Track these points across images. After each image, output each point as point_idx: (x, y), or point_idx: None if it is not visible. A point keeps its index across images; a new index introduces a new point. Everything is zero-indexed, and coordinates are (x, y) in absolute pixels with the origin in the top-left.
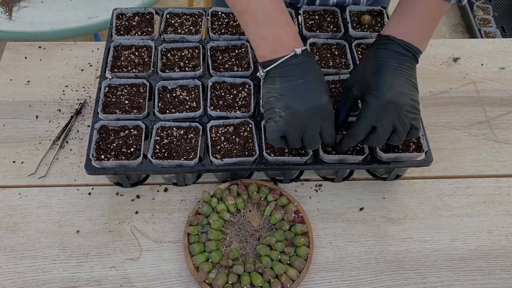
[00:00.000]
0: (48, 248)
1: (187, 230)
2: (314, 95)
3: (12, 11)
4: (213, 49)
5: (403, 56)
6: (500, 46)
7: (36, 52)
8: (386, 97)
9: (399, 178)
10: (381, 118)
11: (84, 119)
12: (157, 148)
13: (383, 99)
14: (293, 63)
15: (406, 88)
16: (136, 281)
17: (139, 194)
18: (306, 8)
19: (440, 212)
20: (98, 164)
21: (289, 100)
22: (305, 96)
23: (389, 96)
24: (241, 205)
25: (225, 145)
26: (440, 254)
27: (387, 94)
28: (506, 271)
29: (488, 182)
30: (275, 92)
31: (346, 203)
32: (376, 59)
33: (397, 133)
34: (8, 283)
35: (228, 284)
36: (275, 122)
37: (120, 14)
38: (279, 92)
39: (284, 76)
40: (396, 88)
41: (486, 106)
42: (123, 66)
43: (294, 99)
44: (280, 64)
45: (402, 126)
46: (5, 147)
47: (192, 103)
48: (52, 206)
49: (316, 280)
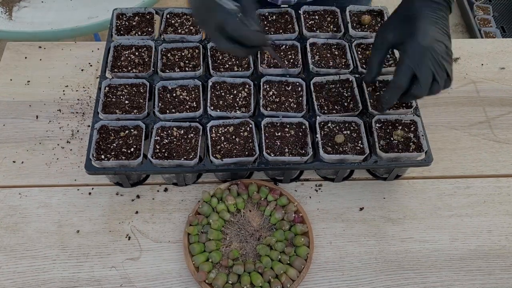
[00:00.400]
0: (48, 248)
1: (187, 230)
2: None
3: (12, 11)
4: (213, 49)
5: (437, 4)
6: (500, 46)
7: (36, 52)
8: (424, 43)
9: (399, 178)
10: (421, 64)
11: (84, 119)
12: (157, 148)
13: (422, 45)
14: None
15: (441, 36)
16: (136, 281)
17: (139, 194)
18: (306, 8)
19: (440, 212)
20: (98, 164)
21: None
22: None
23: (426, 42)
24: (241, 205)
25: (225, 145)
26: (440, 254)
27: (425, 40)
28: (506, 271)
29: (488, 182)
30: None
31: (346, 203)
32: (411, 7)
33: (437, 81)
34: (8, 283)
35: (228, 284)
36: None
37: (120, 14)
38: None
39: None
40: (432, 35)
41: (486, 106)
42: (123, 66)
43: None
44: None
45: (441, 73)
46: (5, 147)
47: (192, 103)
48: (52, 206)
49: (316, 280)
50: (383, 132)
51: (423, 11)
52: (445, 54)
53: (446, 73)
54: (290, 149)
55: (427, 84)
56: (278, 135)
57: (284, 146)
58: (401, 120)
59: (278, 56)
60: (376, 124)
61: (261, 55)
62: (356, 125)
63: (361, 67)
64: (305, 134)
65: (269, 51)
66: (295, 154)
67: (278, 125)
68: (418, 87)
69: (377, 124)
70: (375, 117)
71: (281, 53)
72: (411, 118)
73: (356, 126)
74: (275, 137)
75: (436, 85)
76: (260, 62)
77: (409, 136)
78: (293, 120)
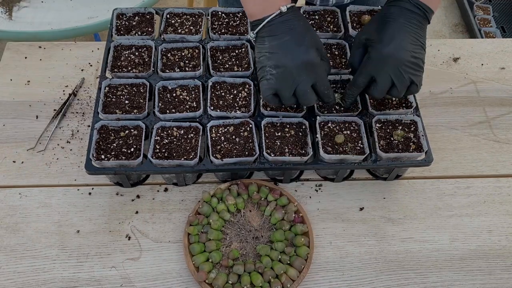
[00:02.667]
0: (48, 248)
1: (187, 230)
2: (301, 50)
3: (12, 11)
4: (213, 49)
5: (412, 13)
6: (500, 46)
7: (36, 52)
8: (386, 50)
9: (399, 178)
10: (380, 70)
11: (84, 119)
12: (157, 148)
13: (383, 51)
14: (280, 21)
15: (409, 45)
16: (136, 281)
17: (139, 194)
18: (306, 8)
19: (440, 212)
20: (98, 164)
21: (277, 58)
22: (292, 52)
23: (389, 49)
24: (241, 205)
25: (225, 145)
26: (440, 254)
27: (387, 47)
28: (506, 271)
29: (488, 182)
30: (265, 51)
31: (346, 203)
32: (385, 14)
33: (396, 87)
34: (8, 283)
35: (228, 284)
36: (267, 80)
37: (120, 14)
38: (269, 50)
39: (272, 35)
40: (398, 43)
41: (486, 106)
42: (123, 66)
43: (282, 56)
44: (267, 24)
45: (401, 80)
46: (5, 147)
47: (192, 103)
48: (52, 206)
49: (316, 280)
50: (383, 132)
51: (397, 19)
52: (410, 63)
53: (412, 80)
54: (290, 149)
55: (383, 88)
56: (278, 135)
57: (284, 146)
58: (401, 120)
59: None
60: (376, 124)
61: None
62: (356, 125)
63: None
64: (305, 134)
65: None
66: (295, 154)
67: (278, 125)
68: (375, 90)
69: (377, 124)
70: (375, 117)
71: None
72: (411, 118)
73: (356, 126)
74: (275, 137)
75: (395, 91)
76: None
77: (409, 136)
78: (293, 120)
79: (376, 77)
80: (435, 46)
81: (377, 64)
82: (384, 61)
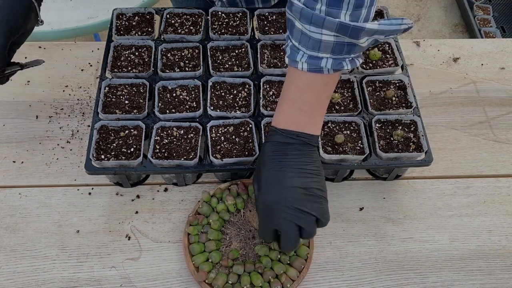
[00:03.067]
0: (48, 248)
1: (187, 230)
2: None
3: None
4: (213, 49)
5: (288, 145)
6: (500, 46)
7: (36, 52)
8: (265, 199)
9: (399, 178)
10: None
11: (84, 119)
12: (157, 148)
13: (263, 201)
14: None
15: (294, 180)
16: (136, 281)
17: (139, 194)
18: None
19: (440, 212)
20: (98, 164)
21: None
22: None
23: (268, 197)
24: (241, 205)
25: (225, 145)
26: (440, 254)
27: (266, 196)
28: (506, 271)
29: (488, 182)
30: None
31: (346, 203)
32: (263, 155)
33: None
34: (8, 283)
35: (228, 284)
36: None
37: (120, 14)
38: None
39: None
40: (276, 189)
41: (486, 106)
42: (123, 66)
43: None
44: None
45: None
46: (5, 147)
47: (192, 103)
48: (52, 206)
49: (316, 280)
50: (383, 132)
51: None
52: (300, 200)
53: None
54: None
55: (288, 238)
56: None
57: None
58: (401, 120)
59: None
60: (376, 124)
61: (261, 55)
62: (356, 125)
63: (361, 67)
64: None
65: None
66: None
67: None
68: (282, 244)
69: (377, 124)
70: (375, 117)
71: (281, 53)
72: (411, 118)
73: (356, 126)
74: None
75: (305, 233)
76: (260, 62)
77: (409, 136)
78: None
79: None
80: (435, 46)
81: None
82: (272, 210)
